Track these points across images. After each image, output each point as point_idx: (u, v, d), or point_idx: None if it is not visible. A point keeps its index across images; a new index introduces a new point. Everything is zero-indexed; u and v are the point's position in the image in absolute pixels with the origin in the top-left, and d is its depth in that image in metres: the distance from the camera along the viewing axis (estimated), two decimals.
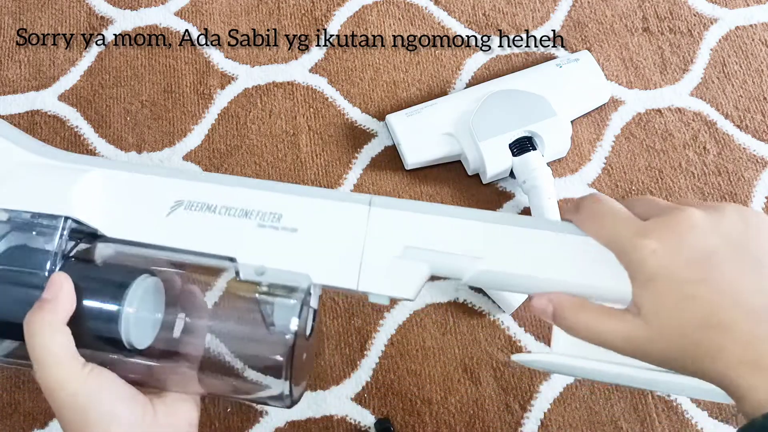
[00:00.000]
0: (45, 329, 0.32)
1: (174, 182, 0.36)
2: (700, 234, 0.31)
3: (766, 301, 0.30)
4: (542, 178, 0.59)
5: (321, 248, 0.34)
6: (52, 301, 0.32)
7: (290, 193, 0.35)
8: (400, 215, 0.34)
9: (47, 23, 0.72)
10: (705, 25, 0.71)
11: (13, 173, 0.36)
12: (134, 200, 0.36)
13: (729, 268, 0.30)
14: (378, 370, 0.58)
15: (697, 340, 0.30)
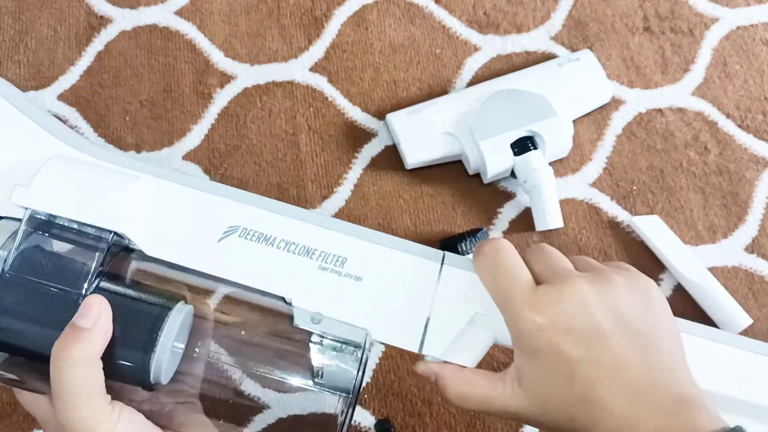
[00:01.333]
0: (78, 363, 0.28)
1: (231, 204, 0.32)
2: (588, 310, 0.31)
3: (648, 378, 0.30)
4: (543, 178, 0.59)
5: (386, 303, 0.31)
6: (90, 332, 0.28)
7: (358, 237, 0.32)
8: (471, 278, 0.32)
9: (47, 23, 0.71)
10: (706, 24, 0.70)
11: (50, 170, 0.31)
12: (184, 218, 0.32)
13: (614, 346, 0.30)
14: (378, 370, 0.58)
15: (574, 414, 0.30)
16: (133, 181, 0.32)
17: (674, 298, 0.60)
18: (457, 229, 0.62)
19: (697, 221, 0.62)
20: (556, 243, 0.61)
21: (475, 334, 0.32)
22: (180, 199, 0.32)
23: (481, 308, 0.32)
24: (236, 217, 0.32)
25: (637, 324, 0.31)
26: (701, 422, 0.28)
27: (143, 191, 0.32)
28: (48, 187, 0.30)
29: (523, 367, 0.31)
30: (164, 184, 0.32)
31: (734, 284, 0.60)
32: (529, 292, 0.31)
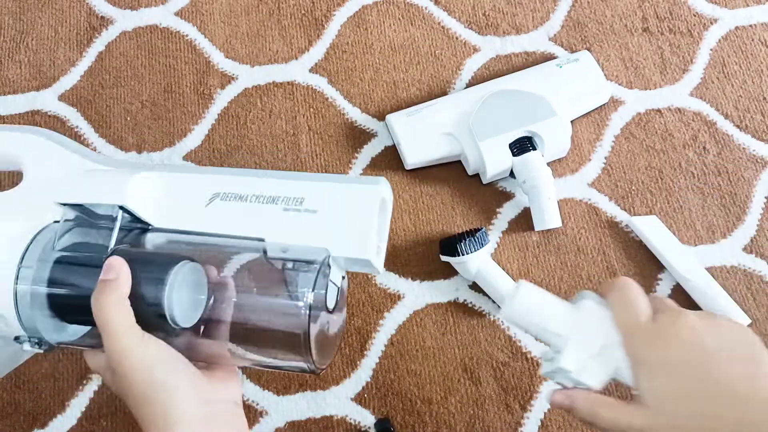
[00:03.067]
0: (111, 304, 0.36)
1: (211, 177, 0.41)
2: (697, 334, 0.37)
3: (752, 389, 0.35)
4: (542, 178, 0.59)
5: (339, 225, 0.38)
6: (115, 281, 0.36)
7: (310, 180, 0.39)
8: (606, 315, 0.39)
9: (47, 23, 0.72)
10: (705, 25, 0.71)
11: (79, 175, 0.43)
12: (177, 195, 0.41)
13: (719, 364, 0.36)
14: (378, 370, 0.58)
15: (695, 427, 0.35)
16: (135, 173, 0.41)
17: (673, 298, 0.60)
18: (456, 228, 0.62)
19: (696, 221, 0.63)
20: (555, 243, 0.62)
21: (602, 362, 0.38)
22: (173, 182, 0.41)
23: (610, 341, 0.38)
24: (216, 186, 0.40)
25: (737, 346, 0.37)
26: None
27: (146, 180, 0.41)
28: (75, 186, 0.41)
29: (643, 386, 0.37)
30: (160, 174, 0.42)
31: (733, 284, 0.60)
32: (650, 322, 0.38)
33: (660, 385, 0.36)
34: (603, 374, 0.38)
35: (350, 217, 0.38)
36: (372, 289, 0.60)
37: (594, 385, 0.38)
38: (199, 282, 0.38)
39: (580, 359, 0.38)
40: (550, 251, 0.61)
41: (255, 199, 0.39)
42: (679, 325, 0.37)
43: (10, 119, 0.68)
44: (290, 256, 0.37)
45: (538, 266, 0.61)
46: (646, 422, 0.36)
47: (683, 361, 0.36)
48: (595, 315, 0.39)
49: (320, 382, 0.57)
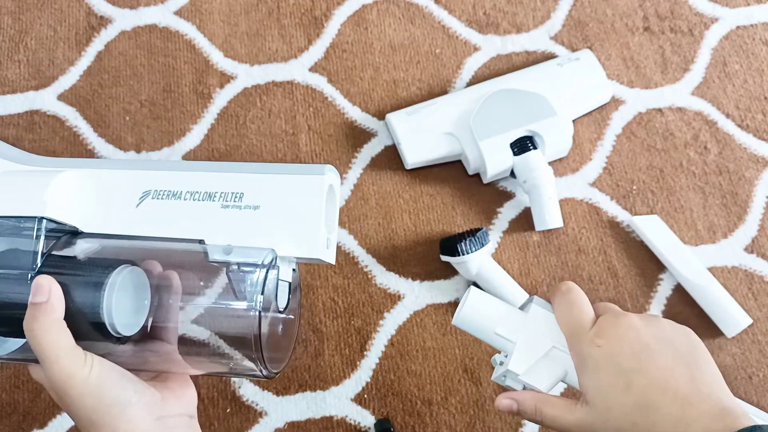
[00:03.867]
0: (45, 329, 0.34)
1: (140, 174, 0.37)
2: (638, 333, 0.37)
3: (693, 388, 0.36)
4: (543, 178, 0.59)
5: (283, 221, 0.35)
6: (46, 303, 0.34)
7: (250, 172, 0.36)
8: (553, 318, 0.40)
9: (46, 23, 0.72)
10: (706, 24, 0.70)
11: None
12: (105, 195, 0.37)
13: (662, 361, 0.36)
14: (378, 370, 0.58)
15: (635, 419, 0.36)
16: (55, 175, 0.37)
17: (674, 298, 0.60)
18: (456, 228, 0.62)
19: (697, 221, 0.62)
20: (555, 243, 0.61)
21: (550, 365, 0.39)
22: (99, 181, 0.38)
23: (557, 344, 0.39)
24: (147, 183, 0.37)
25: (679, 347, 0.37)
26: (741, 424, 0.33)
27: (68, 181, 0.37)
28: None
29: (587, 384, 0.37)
30: (84, 172, 0.38)
31: (734, 284, 0.60)
32: (592, 323, 0.39)
33: (601, 381, 0.37)
34: (551, 377, 0.39)
35: (295, 213, 0.35)
36: (372, 289, 0.60)
37: (542, 387, 0.39)
38: (140, 286, 0.35)
39: (528, 362, 0.39)
40: (551, 251, 0.61)
41: (190, 196, 0.36)
42: (620, 324, 0.38)
43: (8, 119, 0.68)
44: (234, 259, 0.34)
45: (538, 266, 0.61)
46: (588, 418, 0.37)
47: (624, 358, 0.36)
48: (542, 319, 0.40)
49: (320, 383, 0.57)
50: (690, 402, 0.35)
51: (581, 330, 0.38)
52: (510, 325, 0.40)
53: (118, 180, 0.37)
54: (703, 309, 0.58)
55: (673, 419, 0.35)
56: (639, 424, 0.36)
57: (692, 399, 0.35)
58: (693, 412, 0.35)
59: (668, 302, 0.59)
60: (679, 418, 0.35)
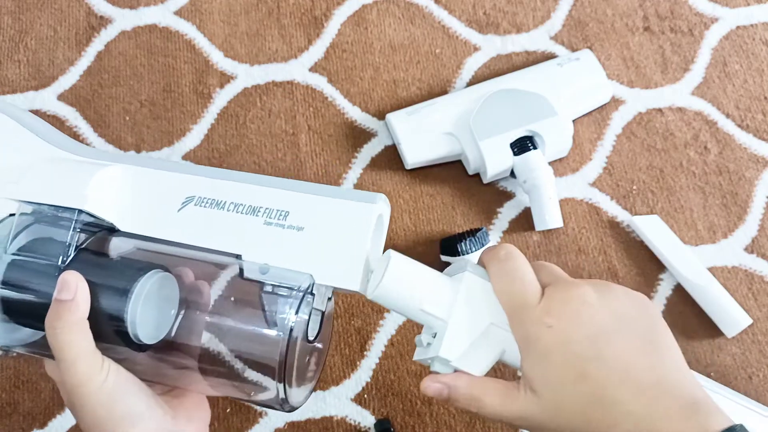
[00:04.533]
0: (67, 328, 0.33)
1: (186, 178, 0.36)
2: (593, 311, 0.32)
3: (656, 378, 0.31)
4: (543, 178, 0.59)
5: (326, 248, 0.33)
6: (72, 302, 0.33)
7: (298, 191, 0.35)
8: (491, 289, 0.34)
9: (46, 23, 0.71)
10: (706, 24, 0.70)
11: (36, 167, 0.37)
12: (147, 195, 0.36)
13: (621, 346, 0.31)
14: (378, 370, 0.58)
15: (590, 416, 0.31)
16: (100, 168, 0.36)
17: (674, 298, 0.60)
18: (456, 228, 0.62)
19: (697, 221, 0.62)
20: (555, 243, 0.61)
21: (487, 346, 0.33)
22: (143, 179, 0.36)
23: (496, 320, 0.33)
24: (191, 188, 0.36)
25: (638, 327, 0.32)
26: (713, 424, 0.29)
27: (111, 176, 0.36)
28: (31, 182, 0.36)
29: (534, 371, 0.32)
30: (129, 168, 0.37)
31: (734, 284, 0.60)
32: (539, 297, 0.33)
33: (551, 369, 0.31)
34: (488, 360, 0.33)
35: (340, 240, 0.33)
36: None
37: (477, 372, 0.33)
38: (168, 295, 0.34)
39: (461, 345, 0.33)
40: (551, 251, 0.61)
41: (234, 207, 0.34)
42: (572, 299, 0.32)
43: None
44: (269, 280, 0.33)
45: None
46: (533, 410, 0.32)
47: (578, 343, 0.31)
48: (479, 290, 0.34)
49: (320, 383, 0.57)
50: (655, 396, 0.30)
51: (526, 306, 0.32)
52: (439, 299, 0.33)
53: (163, 181, 0.36)
54: (703, 309, 0.58)
55: (635, 416, 0.30)
56: (594, 420, 0.31)
57: (657, 392, 0.30)
58: (659, 408, 0.30)
59: (668, 302, 0.59)
60: (642, 415, 0.30)
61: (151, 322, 0.33)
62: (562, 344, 0.31)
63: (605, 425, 0.31)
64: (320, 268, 0.33)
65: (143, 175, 0.36)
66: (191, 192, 0.35)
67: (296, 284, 0.32)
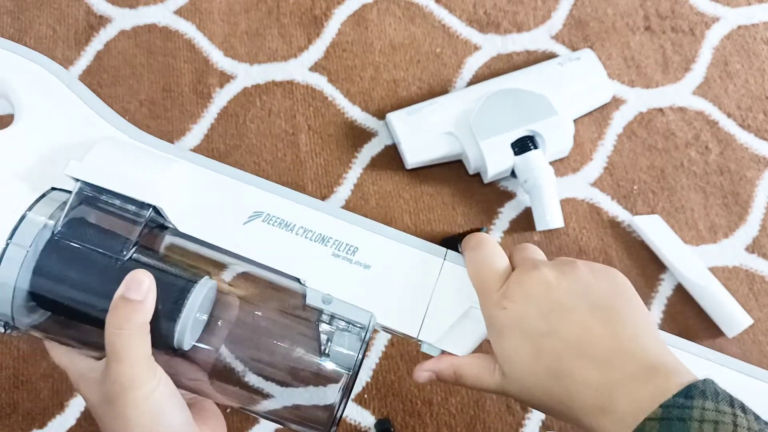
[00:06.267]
0: (133, 329, 0.31)
1: (257, 192, 0.35)
2: (549, 289, 0.33)
3: (614, 346, 0.31)
4: (544, 178, 0.59)
5: (391, 291, 0.34)
6: (142, 303, 0.31)
7: (370, 230, 0.35)
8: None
9: (46, 22, 0.71)
10: (707, 23, 0.70)
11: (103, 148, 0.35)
12: (216, 201, 0.35)
13: (576, 319, 0.32)
14: (378, 370, 0.57)
15: (550, 389, 0.32)
16: (171, 164, 0.35)
17: (675, 298, 0.60)
18: (457, 228, 0.62)
19: (698, 221, 0.62)
20: (556, 243, 0.61)
21: (468, 327, 0.35)
22: (212, 184, 0.36)
23: (475, 303, 0.35)
24: (261, 203, 0.35)
25: (598, 299, 0.33)
26: (673, 385, 0.29)
27: (180, 174, 0.35)
28: (98, 163, 0.34)
29: (497, 350, 0.34)
30: (199, 169, 0.36)
31: (735, 284, 0.60)
32: (501, 280, 0.34)
33: (508, 347, 0.33)
34: (470, 339, 0.35)
35: (404, 286, 0.34)
36: None
37: (460, 351, 0.35)
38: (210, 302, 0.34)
39: (440, 328, 0.34)
40: (552, 251, 0.61)
41: (303, 232, 0.34)
42: (529, 281, 0.33)
43: (9, 119, 0.67)
44: (332, 310, 0.33)
45: None
46: (508, 387, 0.34)
47: (531, 320, 0.32)
48: (456, 276, 0.35)
49: None
50: (611, 363, 0.31)
51: (488, 290, 0.34)
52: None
53: (234, 190, 0.35)
54: (703, 309, 0.58)
55: (593, 386, 0.30)
56: (555, 393, 0.32)
57: (613, 359, 0.31)
58: (615, 374, 0.30)
59: (669, 302, 0.59)
60: (599, 384, 0.30)
61: (194, 329, 0.33)
62: (517, 323, 0.33)
63: (566, 398, 0.31)
64: (382, 308, 0.34)
65: (214, 179, 0.36)
66: (261, 207, 0.35)
67: (359, 319, 0.33)
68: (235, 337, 0.33)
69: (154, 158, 0.36)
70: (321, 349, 0.33)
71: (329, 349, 0.32)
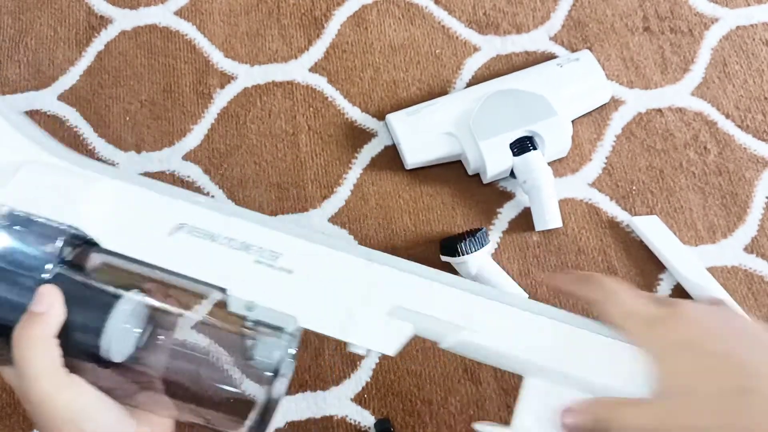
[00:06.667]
0: (36, 343, 0.32)
1: (180, 204, 0.36)
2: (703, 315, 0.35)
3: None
4: (543, 178, 0.59)
5: (313, 294, 0.34)
6: (44, 315, 0.32)
7: (292, 234, 0.35)
8: (394, 274, 0.35)
9: (47, 22, 0.72)
10: (706, 24, 0.70)
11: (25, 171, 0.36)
12: (139, 215, 0.36)
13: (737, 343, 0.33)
14: (378, 370, 0.58)
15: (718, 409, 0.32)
16: (94, 182, 0.36)
17: (673, 297, 0.60)
18: (456, 228, 0.62)
19: (697, 221, 0.62)
20: (555, 243, 0.62)
21: (395, 325, 0.34)
22: (136, 199, 0.36)
23: (400, 301, 0.34)
24: (185, 215, 0.35)
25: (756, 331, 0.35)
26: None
27: (103, 191, 0.36)
28: (18, 187, 0.35)
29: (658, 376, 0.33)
30: (122, 185, 0.36)
31: (734, 284, 0.60)
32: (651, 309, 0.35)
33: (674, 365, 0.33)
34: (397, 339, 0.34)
35: (327, 287, 0.34)
36: None
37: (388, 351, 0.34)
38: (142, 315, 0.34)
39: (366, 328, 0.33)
40: (551, 251, 0.61)
41: (227, 241, 0.34)
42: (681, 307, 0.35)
43: None
44: (255, 317, 0.33)
45: (538, 266, 0.61)
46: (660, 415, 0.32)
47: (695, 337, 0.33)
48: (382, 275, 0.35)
49: (320, 383, 0.57)
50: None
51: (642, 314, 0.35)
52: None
53: (157, 204, 0.36)
54: None
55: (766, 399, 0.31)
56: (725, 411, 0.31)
57: None
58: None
59: None
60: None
61: (121, 341, 0.33)
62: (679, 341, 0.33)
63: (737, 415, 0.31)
64: (303, 313, 0.34)
65: (137, 194, 0.36)
66: (184, 219, 0.35)
67: (282, 324, 0.33)
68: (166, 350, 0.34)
69: (75, 177, 0.36)
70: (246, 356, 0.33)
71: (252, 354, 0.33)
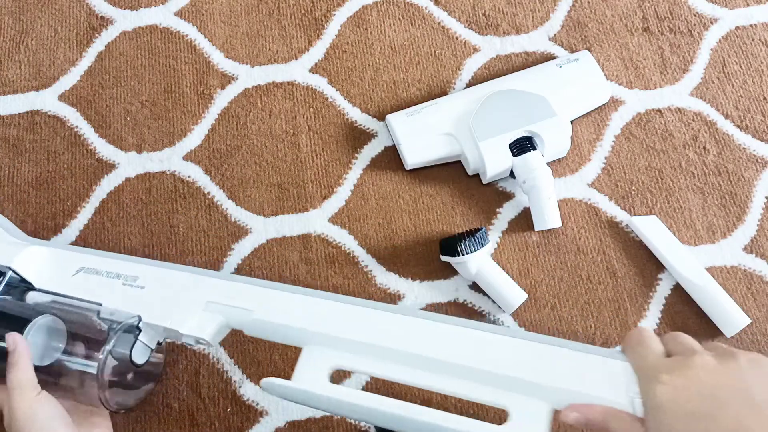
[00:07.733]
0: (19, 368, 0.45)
1: (80, 256, 0.53)
2: (709, 375, 0.35)
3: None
4: (542, 178, 0.59)
5: (155, 299, 0.49)
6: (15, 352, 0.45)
7: (147, 264, 0.51)
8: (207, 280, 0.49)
9: (47, 23, 0.72)
10: (705, 25, 0.71)
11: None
12: (53, 266, 0.53)
13: (732, 412, 0.33)
14: None
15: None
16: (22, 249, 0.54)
17: (673, 298, 0.60)
18: (456, 228, 0.62)
19: (696, 221, 0.63)
20: (555, 243, 0.62)
21: (209, 317, 0.47)
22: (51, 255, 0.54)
23: (210, 298, 0.48)
24: (83, 262, 0.53)
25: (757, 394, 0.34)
26: None
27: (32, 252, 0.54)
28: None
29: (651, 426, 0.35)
30: (40, 249, 0.54)
31: (733, 284, 0.60)
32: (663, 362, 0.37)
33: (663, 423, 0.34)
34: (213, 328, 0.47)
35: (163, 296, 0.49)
36: (372, 289, 0.60)
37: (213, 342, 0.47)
38: (60, 332, 0.48)
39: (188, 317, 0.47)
40: (550, 251, 0.61)
41: (107, 274, 0.51)
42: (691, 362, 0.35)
43: (9, 119, 0.68)
44: (114, 317, 0.48)
45: (537, 266, 0.61)
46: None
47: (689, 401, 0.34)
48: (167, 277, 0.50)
49: None
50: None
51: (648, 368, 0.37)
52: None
53: (64, 258, 0.54)
54: (701, 309, 0.59)
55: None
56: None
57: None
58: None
59: (667, 302, 0.60)
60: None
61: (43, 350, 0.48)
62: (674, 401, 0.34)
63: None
64: (148, 312, 0.48)
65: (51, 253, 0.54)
66: (82, 264, 0.52)
67: (131, 322, 0.47)
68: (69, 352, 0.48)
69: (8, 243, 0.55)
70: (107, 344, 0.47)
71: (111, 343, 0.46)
